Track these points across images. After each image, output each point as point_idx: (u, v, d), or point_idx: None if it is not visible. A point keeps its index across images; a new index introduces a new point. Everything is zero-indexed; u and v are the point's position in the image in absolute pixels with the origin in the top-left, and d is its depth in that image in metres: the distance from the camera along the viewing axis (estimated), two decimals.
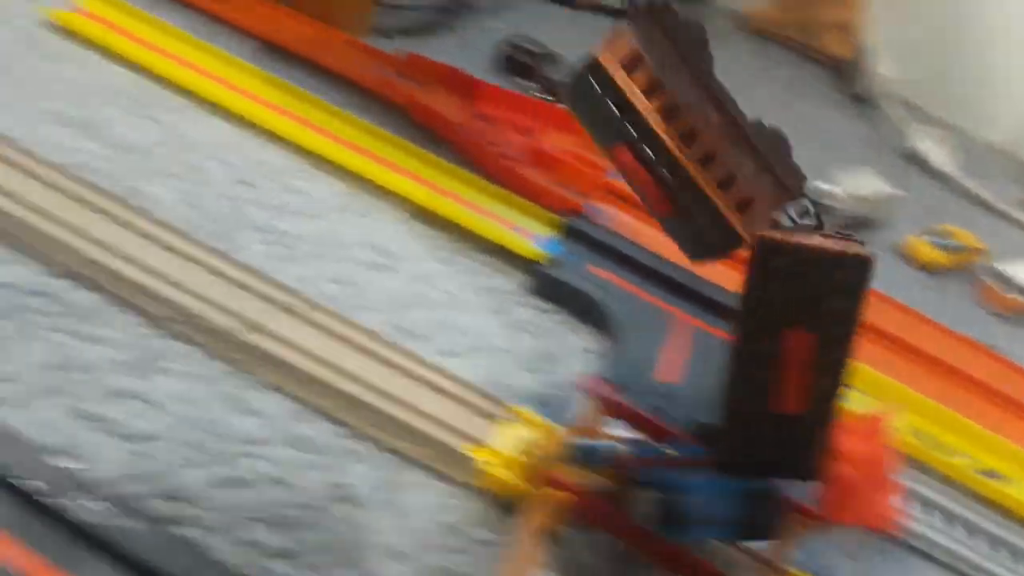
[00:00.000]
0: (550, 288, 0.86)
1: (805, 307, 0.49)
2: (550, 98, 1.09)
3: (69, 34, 0.89)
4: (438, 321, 0.79)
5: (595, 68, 0.58)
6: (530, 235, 0.90)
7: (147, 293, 0.69)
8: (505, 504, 0.68)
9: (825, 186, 1.09)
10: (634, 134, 0.57)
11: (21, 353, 0.63)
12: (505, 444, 0.70)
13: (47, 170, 0.74)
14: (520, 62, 1.12)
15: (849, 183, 1.11)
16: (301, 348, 0.70)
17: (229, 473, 0.63)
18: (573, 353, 0.82)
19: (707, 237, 0.57)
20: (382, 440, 0.68)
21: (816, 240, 0.50)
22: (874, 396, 0.88)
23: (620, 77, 0.57)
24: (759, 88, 1.40)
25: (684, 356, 0.84)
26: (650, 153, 0.57)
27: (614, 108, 0.58)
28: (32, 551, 0.53)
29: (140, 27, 0.92)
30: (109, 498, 0.57)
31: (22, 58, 0.84)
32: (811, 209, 0.53)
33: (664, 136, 0.56)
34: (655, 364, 0.82)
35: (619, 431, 0.67)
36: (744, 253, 0.54)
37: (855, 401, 0.83)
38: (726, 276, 0.93)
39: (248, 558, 0.59)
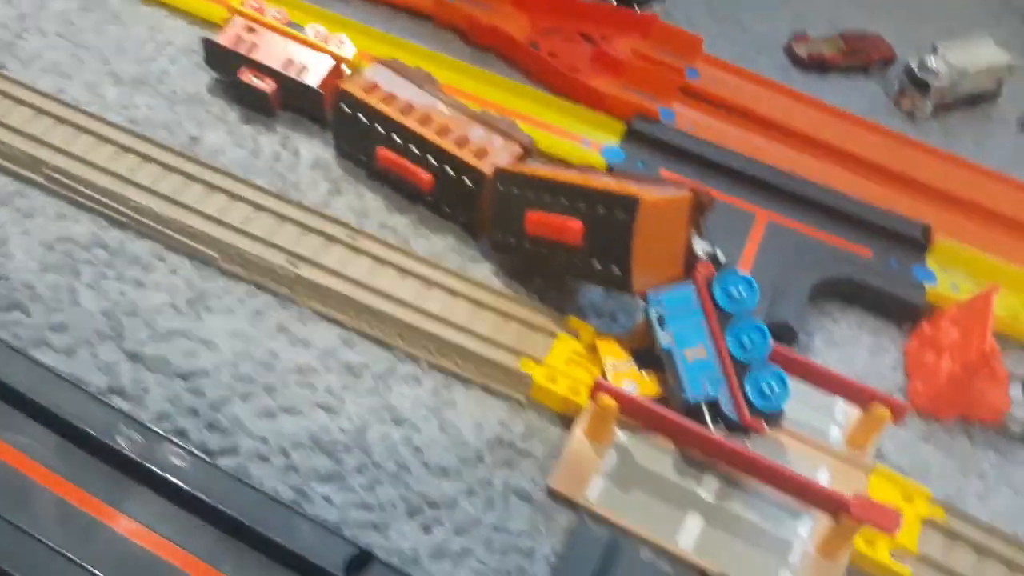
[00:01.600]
0: None
1: (529, 199, 0.69)
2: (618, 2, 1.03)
3: None
4: None
5: (344, 94, 0.77)
6: (599, 146, 0.86)
7: (197, 235, 0.70)
8: (560, 417, 0.66)
9: (931, 61, 0.98)
10: (384, 132, 0.76)
11: (74, 303, 0.66)
12: (560, 358, 0.68)
13: (105, 127, 0.76)
14: None
15: (960, 55, 0.99)
16: (347, 276, 0.69)
17: (278, 402, 0.63)
18: None
19: (458, 187, 0.74)
20: (431, 360, 0.67)
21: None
22: (980, 279, 0.80)
23: (363, 96, 0.76)
24: None
25: (755, 251, 0.78)
26: (400, 141, 0.75)
27: (365, 120, 0.76)
28: (80, 487, 0.55)
29: None
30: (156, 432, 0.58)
31: (88, 22, 0.87)
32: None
33: (405, 122, 0.75)
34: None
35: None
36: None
37: (956, 286, 0.78)
38: (801, 164, 0.88)
39: (291, 482, 0.60)
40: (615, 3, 1.03)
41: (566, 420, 0.66)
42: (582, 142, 0.86)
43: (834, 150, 0.92)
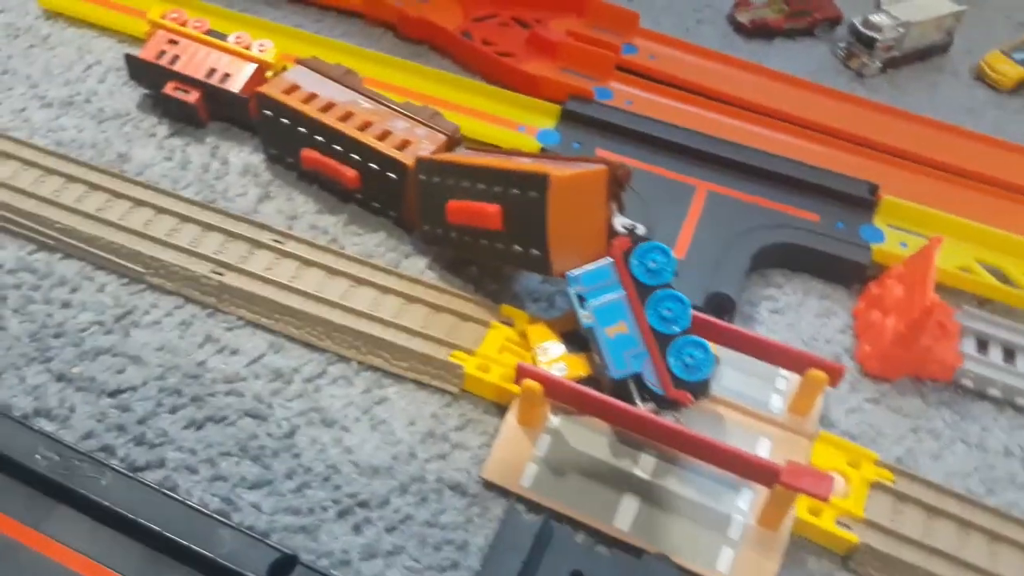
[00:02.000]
0: None
1: (450, 187, 0.68)
2: None
3: (62, 17, 0.91)
4: None
5: (263, 98, 0.76)
6: (535, 131, 0.84)
7: (122, 252, 0.70)
8: (496, 407, 0.66)
9: (875, 16, 0.96)
10: (306, 133, 0.75)
11: (1, 328, 0.66)
12: (493, 347, 0.67)
13: (30, 151, 0.76)
14: None
15: (904, 8, 0.97)
16: (273, 280, 0.69)
17: (205, 412, 0.63)
18: None
19: (383, 181, 0.73)
20: (362, 359, 0.67)
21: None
22: (930, 234, 0.78)
23: (282, 97, 0.75)
24: None
25: (695, 223, 0.77)
26: (322, 140, 0.74)
27: (287, 122, 0.75)
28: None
29: None
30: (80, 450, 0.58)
31: (15, 48, 0.87)
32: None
33: (325, 120, 0.74)
34: (676, 241, 0.76)
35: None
36: None
37: (905, 243, 0.76)
38: (746, 132, 0.87)
39: (219, 491, 0.59)
40: None
41: (502, 409, 0.65)
42: (517, 128, 0.85)
43: (780, 115, 0.90)
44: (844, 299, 0.77)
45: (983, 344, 0.74)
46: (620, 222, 0.64)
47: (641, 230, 0.63)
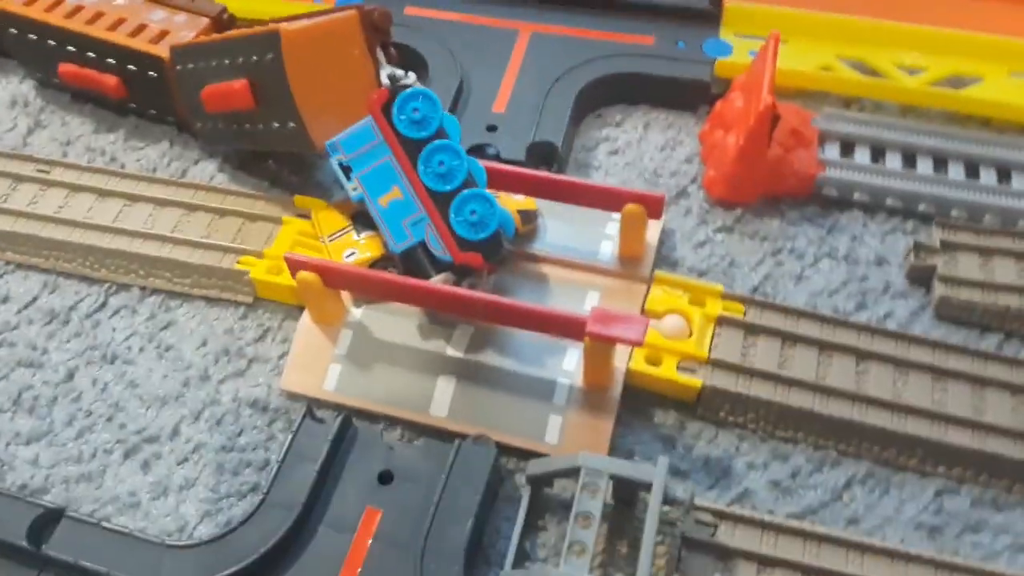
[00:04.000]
0: None
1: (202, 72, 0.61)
2: None
3: None
4: None
5: (3, 15, 0.68)
6: None
7: None
8: (296, 310, 0.59)
9: None
10: (56, 45, 0.67)
11: None
12: (285, 245, 0.60)
13: None
14: None
15: None
16: (38, 215, 0.62)
17: None
18: None
19: (145, 81, 0.66)
20: (143, 283, 0.60)
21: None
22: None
23: (22, 10, 0.67)
24: None
25: (517, 69, 0.69)
26: (74, 50, 0.66)
27: (35, 38, 0.68)
28: None
29: None
30: None
31: None
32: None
33: (71, 26, 0.66)
34: (496, 94, 0.68)
35: None
36: None
37: (754, 52, 0.68)
38: None
39: None
40: None
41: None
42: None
43: None
44: (691, 125, 0.69)
45: (849, 147, 0.66)
46: (387, 73, 0.56)
47: (411, 79, 0.55)
